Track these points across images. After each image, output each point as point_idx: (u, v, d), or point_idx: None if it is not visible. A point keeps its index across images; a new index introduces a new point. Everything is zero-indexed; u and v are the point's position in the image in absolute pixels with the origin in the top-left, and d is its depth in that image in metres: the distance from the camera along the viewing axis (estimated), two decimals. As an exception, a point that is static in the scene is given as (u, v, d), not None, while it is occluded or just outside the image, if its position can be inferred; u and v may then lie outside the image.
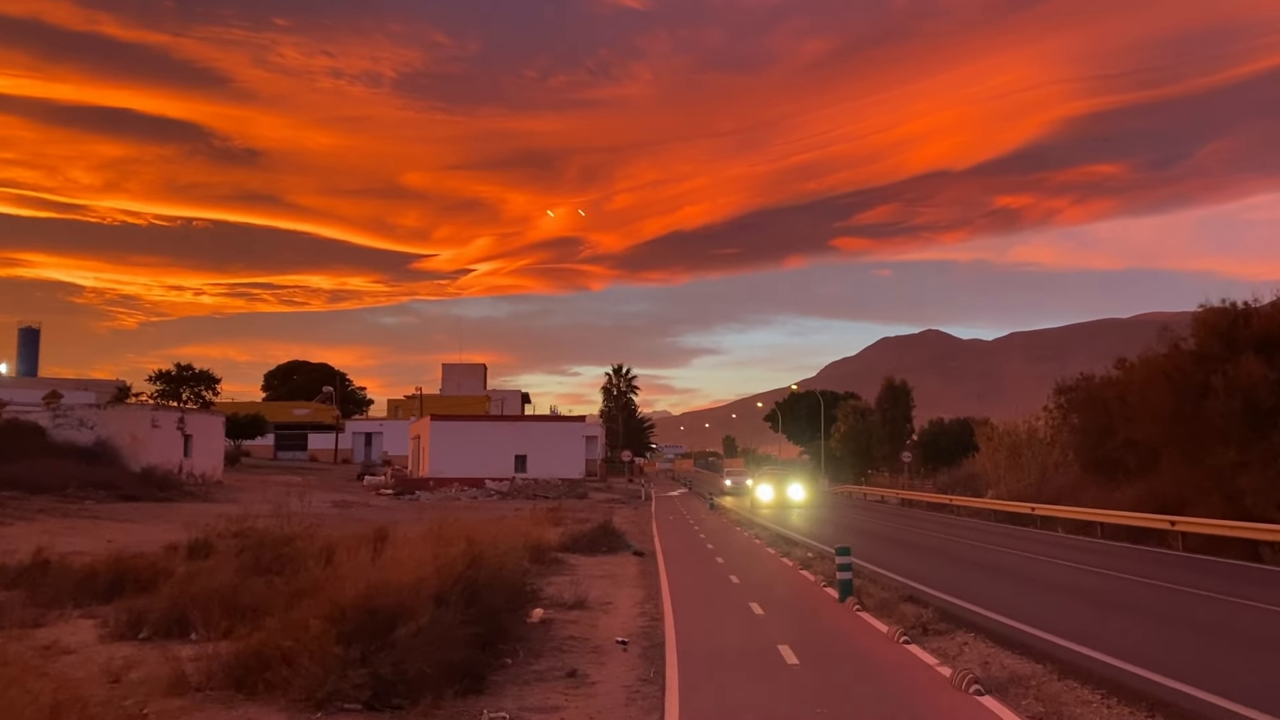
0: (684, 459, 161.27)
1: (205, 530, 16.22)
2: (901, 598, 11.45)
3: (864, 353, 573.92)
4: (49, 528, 21.34)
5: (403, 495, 41.73)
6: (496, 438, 50.11)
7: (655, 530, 25.75)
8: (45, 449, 33.21)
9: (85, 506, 27.00)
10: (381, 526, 13.24)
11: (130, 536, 20.69)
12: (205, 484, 36.81)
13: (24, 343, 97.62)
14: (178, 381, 65.39)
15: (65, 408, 36.49)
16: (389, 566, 7.75)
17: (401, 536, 10.32)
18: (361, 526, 18.07)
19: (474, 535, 11.27)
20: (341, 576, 7.82)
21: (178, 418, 37.98)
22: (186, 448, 37.93)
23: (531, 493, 43.62)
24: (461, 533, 10.72)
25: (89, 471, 31.14)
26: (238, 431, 58.43)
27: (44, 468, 30.08)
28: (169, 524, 23.10)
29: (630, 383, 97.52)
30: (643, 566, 16.14)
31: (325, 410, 73.93)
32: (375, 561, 8.09)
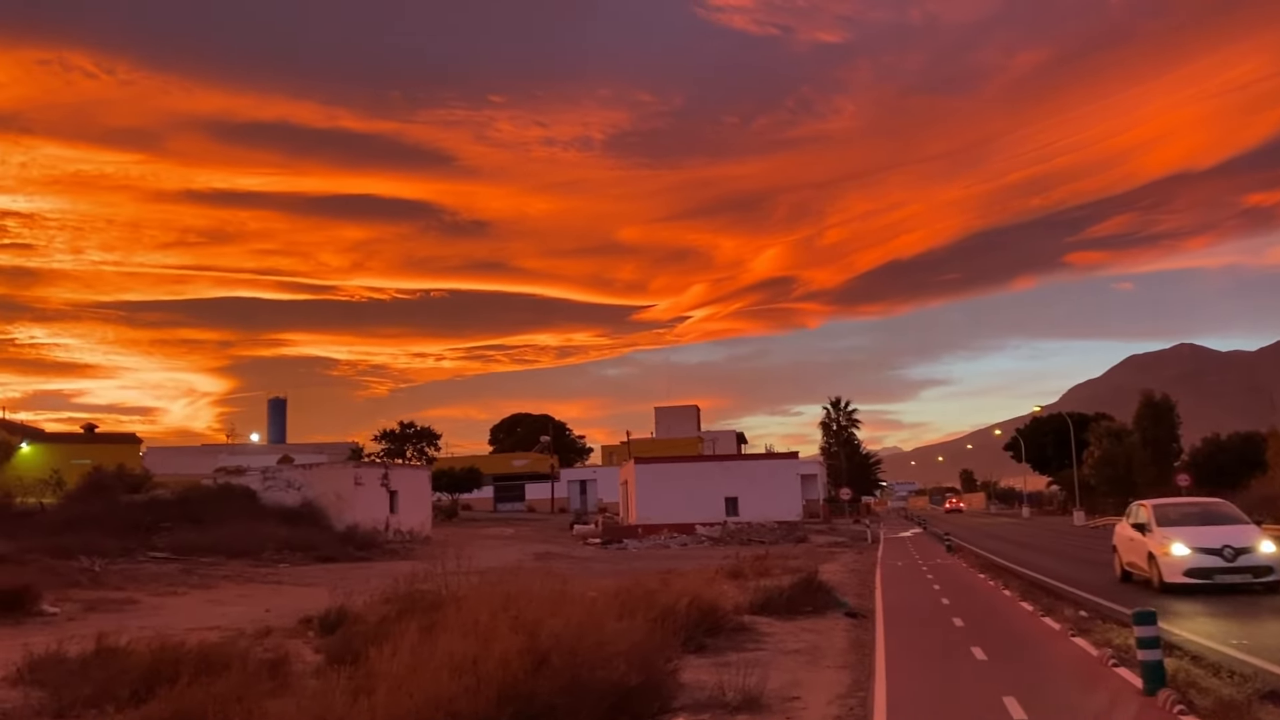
0: (917, 495, 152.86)
1: (372, 594, 14.41)
2: (1257, 693, 7.60)
3: (1109, 373, 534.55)
4: (220, 595, 20.30)
5: (609, 544, 39.50)
6: (704, 479, 47.26)
7: (878, 580, 21.97)
8: (255, 512, 33.22)
9: (277, 570, 26.21)
10: (508, 593, 10.54)
11: (295, 603, 19.01)
12: (412, 540, 35.92)
13: (273, 412, 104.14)
14: (402, 439, 66.66)
15: (274, 470, 36.66)
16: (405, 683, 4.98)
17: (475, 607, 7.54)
18: (511, 588, 15.67)
19: (596, 604, 8.43)
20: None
21: (381, 474, 37.43)
22: (392, 504, 37.28)
23: (745, 537, 40.39)
24: (586, 601, 7.92)
25: (292, 533, 30.68)
26: (454, 485, 58.55)
27: (249, 531, 29.82)
28: (352, 587, 21.67)
29: (850, 416, 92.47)
30: (855, 634, 12.69)
31: (542, 460, 73.64)
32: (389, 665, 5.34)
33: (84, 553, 25.06)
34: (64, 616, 15.48)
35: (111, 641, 9.45)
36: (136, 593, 19.39)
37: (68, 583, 19.81)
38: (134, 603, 17.97)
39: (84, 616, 15.71)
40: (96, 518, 30.04)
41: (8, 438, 50.37)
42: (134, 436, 56.43)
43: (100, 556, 24.90)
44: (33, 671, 9.12)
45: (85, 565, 23.02)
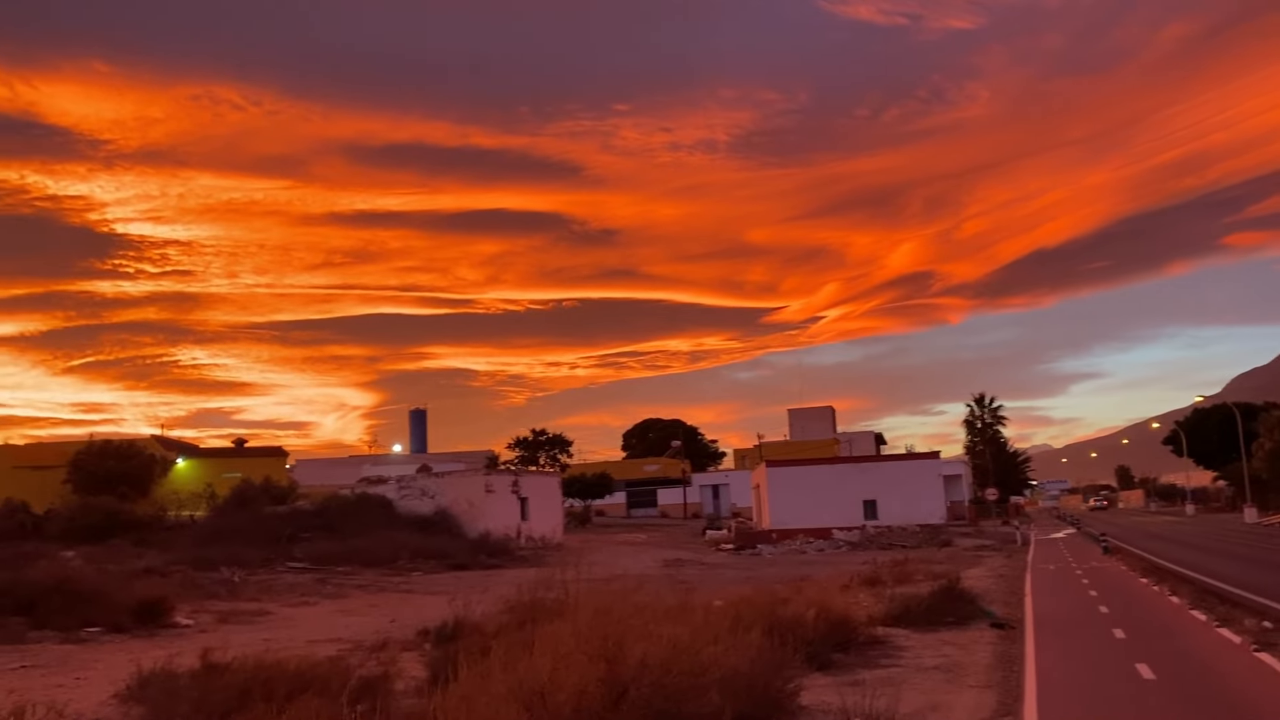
0: (1069, 494, 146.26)
1: (494, 603, 14.16)
2: None
3: (1277, 360, 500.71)
4: (351, 605, 20.43)
5: (743, 550, 38.62)
6: (841, 482, 45.83)
7: (1028, 586, 20.50)
8: (391, 521, 33.73)
9: (409, 579, 26.41)
10: (608, 606, 9.92)
11: (421, 613, 18.89)
12: (543, 547, 35.91)
13: (414, 423, 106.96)
14: (535, 446, 67.25)
15: (409, 479, 37.22)
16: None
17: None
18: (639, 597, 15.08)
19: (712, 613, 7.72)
20: None
21: (512, 481, 37.58)
22: (523, 510, 37.37)
23: (885, 541, 38.89)
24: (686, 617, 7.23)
25: (425, 541, 30.97)
26: (586, 491, 58.62)
27: (384, 540, 30.23)
28: (477, 595, 21.54)
29: (996, 414, 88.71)
30: (1001, 648, 11.58)
31: (674, 465, 73.16)
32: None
33: (227, 564, 25.79)
34: (196, 629, 15.69)
35: (216, 658, 9.26)
36: (270, 604, 19.68)
37: (206, 594, 20.30)
38: (266, 614, 18.19)
39: (215, 628, 15.91)
40: (241, 529, 30.98)
41: (164, 454, 52.89)
42: (280, 450, 58.54)
43: (241, 567, 25.57)
44: (140, 688, 9.00)
45: (225, 576, 23.63)
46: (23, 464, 50.50)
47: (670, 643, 5.52)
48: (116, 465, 47.28)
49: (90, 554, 26.94)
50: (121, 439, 51.76)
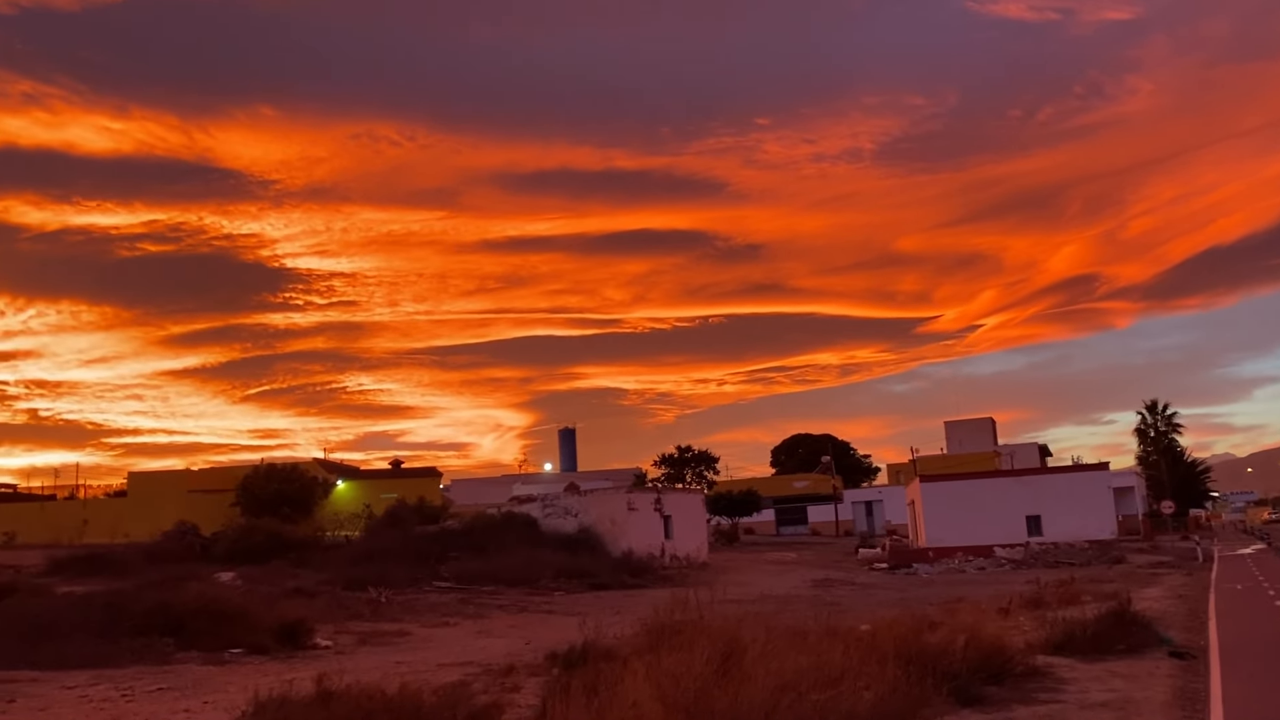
0: (1257, 506, 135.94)
1: (628, 626, 13.75)
2: None
3: None
4: (490, 626, 20.33)
5: (898, 569, 37.04)
6: (1002, 497, 43.52)
7: (1211, 608, 18.64)
8: (535, 539, 33.81)
9: (551, 598, 26.25)
10: (734, 633, 9.29)
11: (558, 635, 18.61)
12: (688, 566, 35.37)
13: (564, 442, 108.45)
14: (680, 464, 66.84)
15: (553, 498, 37.29)
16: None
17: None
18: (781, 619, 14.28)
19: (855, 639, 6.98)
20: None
21: (654, 499, 37.18)
22: (667, 529, 36.91)
23: (1051, 559, 36.61)
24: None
25: (568, 560, 30.85)
26: (733, 508, 57.76)
27: (528, 559, 30.25)
28: (613, 617, 21.13)
29: (1170, 421, 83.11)
30: (1181, 681, 10.31)
31: (824, 481, 71.44)
32: None
33: (376, 583, 26.20)
34: (334, 650, 15.78)
35: (331, 684, 9.06)
36: (411, 624, 19.76)
37: (351, 615, 20.56)
38: (406, 635, 18.23)
39: (353, 650, 15.98)
40: (391, 549, 31.58)
41: (326, 476, 54.93)
42: (434, 471, 59.98)
43: (389, 587, 25.93)
44: (255, 715, 8.87)
45: (372, 596, 23.97)
46: (197, 488, 53.37)
47: (775, 683, 4.84)
48: (281, 488, 49.37)
49: (250, 574, 27.87)
50: (286, 463, 54.09)
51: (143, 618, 15.12)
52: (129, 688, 11.46)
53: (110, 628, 14.66)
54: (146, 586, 18.39)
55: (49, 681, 11.87)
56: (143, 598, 16.02)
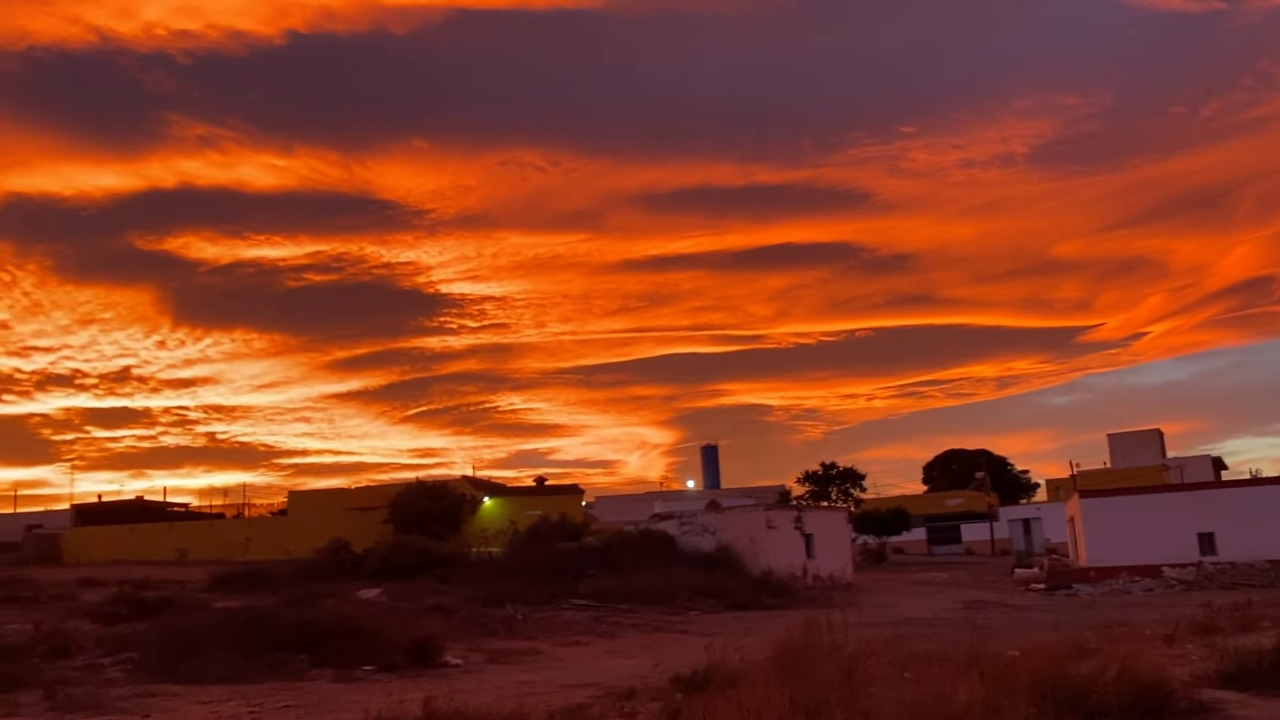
0: None
1: (759, 648, 13.29)
2: None
3: None
4: (621, 646, 20.08)
5: (1056, 590, 35.05)
6: (1169, 513, 40.61)
7: None
8: (672, 558, 33.52)
9: (686, 618, 25.85)
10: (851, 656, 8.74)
11: (690, 656, 18.26)
12: (830, 586, 34.38)
13: (706, 459, 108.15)
14: (825, 481, 65.48)
15: (690, 516, 36.95)
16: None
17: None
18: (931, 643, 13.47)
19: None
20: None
21: (794, 517, 36.35)
22: (808, 548, 36.01)
23: (1227, 580, 33.94)
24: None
25: (705, 579, 30.42)
26: (881, 527, 56.10)
27: (664, 577, 29.98)
28: (747, 638, 20.59)
29: (1366, 430, 76.28)
30: (1375, 723, 9.11)
31: (978, 498, 68.67)
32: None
33: (514, 600, 26.43)
34: (463, 668, 15.82)
35: (439, 706, 8.94)
36: (543, 643, 19.72)
37: (485, 632, 20.69)
38: (536, 654, 18.17)
39: (482, 669, 15.99)
40: (531, 566, 31.86)
41: (474, 493, 56.15)
42: (576, 488, 60.52)
43: (526, 604, 26.10)
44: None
45: (509, 614, 24.15)
46: (353, 506, 55.43)
47: None
48: (430, 505, 50.73)
49: (395, 590, 28.57)
50: (435, 480, 55.59)
51: (281, 634, 15.51)
52: (259, 704, 11.69)
53: (251, 643, 15.07)
54: (288, 603, 18.92)
55: (187, 696, 12.24)
56: (282, 614, 16.44)
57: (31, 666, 13.52)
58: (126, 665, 14.32)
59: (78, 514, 58.39)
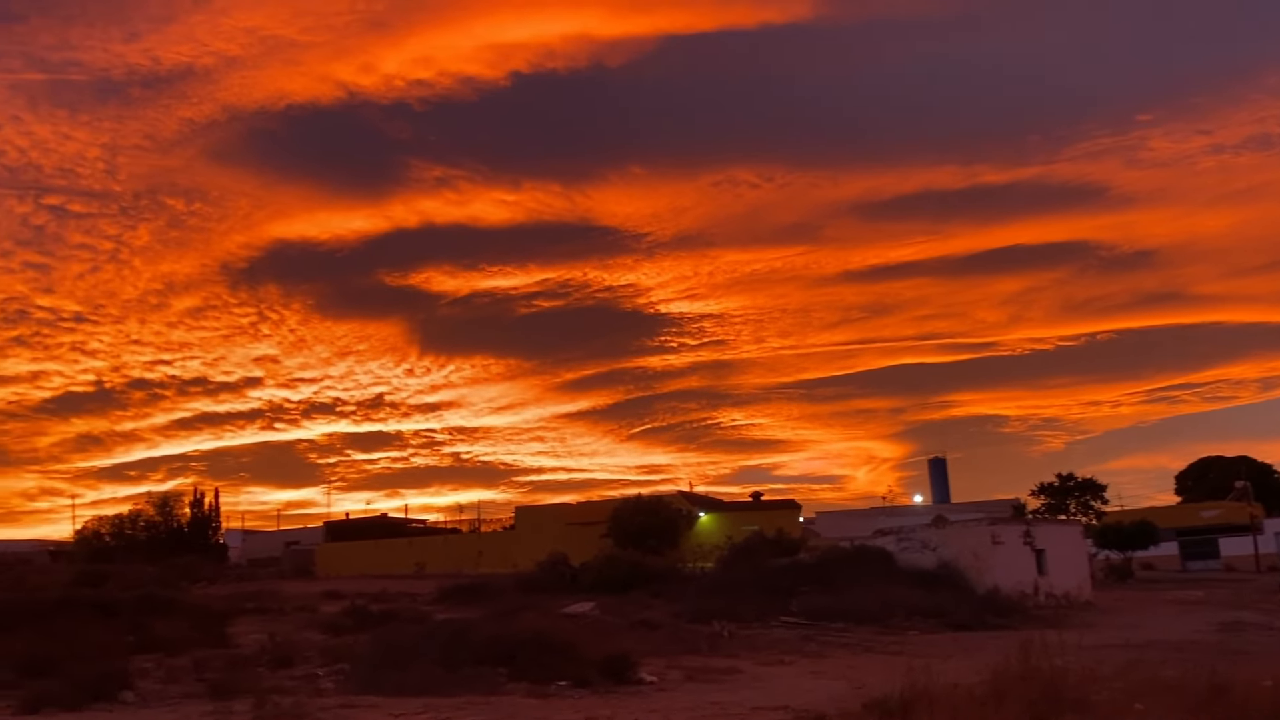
0: None
1: (971, 671, 12.55)
2: None
3: None
4: (826, 666, 19.30)
5: (1334, 613, 31.11)
6: None
7: None
8: (889, 575, 32.21)
9: (903, 638, 24.65)
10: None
11: (896, 678, 17.40)
12: (1065, 605, 32.00)
13: (934, 473, 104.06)
14: (1062, 493, 61.57)
15: (908, 531, 35.45)
16: None
17: None
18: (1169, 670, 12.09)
19: None
20: None
21: (1023, 531, 34.14)
22: (1039, 564, 33.72)
23: None
24: None
25: (924, 597, 29.01)
26: (1125, 542, 51.95)
27: (880, 595, 28.83)
28: (963, 659, 19.35)
29: None
30: None
31: (1240, 509, 62.39)
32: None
33: (722, 617, 26.12)
34: (657, 686, 15.65)
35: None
36: (745, 661, 19.29)
37: (687, 648, 20.48)
38: (735, 673, 17.77)
39: (677, 687, 15.77)
40: (743, 582, 31.46)
41: (690, 509, 56.38)
42: (793, 503, 59.58)
43: (734, 621, 25.73)
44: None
45: (715, 630, 23.85)
46: (574, 521, 56.87)
47: None
48: (646, 520, 51.30)
49: (608, 604, 28.94)
50: (651, 496, 56.21)
51: (481, 647, 15.89)
52: (447, 718, 11.94)
53: (452, 656, 15.52)
54: (491, 616, 19.42)
55: (384, 708, 12.68)
56: (483, 627, 16.87)
57: (254, 676, 14.44)
58: (339, 676, 15.06)
59: (329, 530, 63.05)
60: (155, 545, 57.92)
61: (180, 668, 15.51)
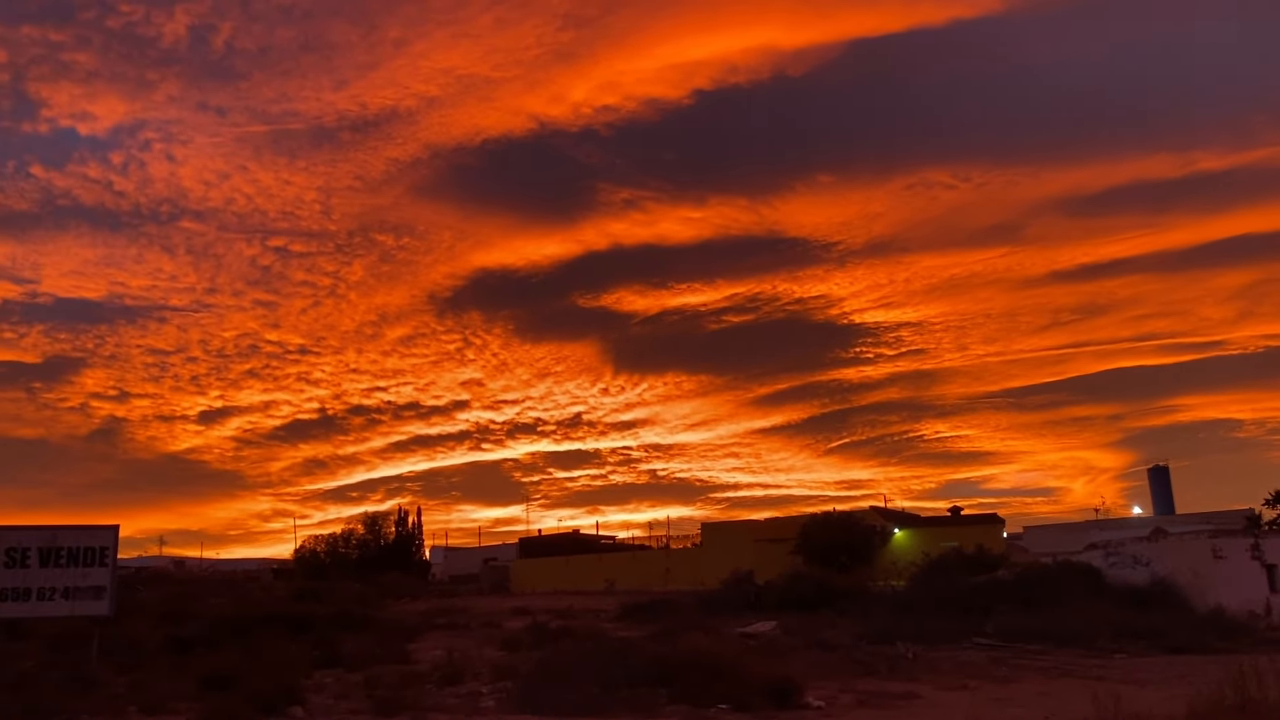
0: None
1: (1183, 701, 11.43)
2: None
3: None
4: (1013, 692, 17.89)
5: None
6: None
7: None
8: (1096, 592, 29.93)
9: (1108, 662, 22.68)
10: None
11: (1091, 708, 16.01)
12: (1305, 628, 28.82)
13: (1154, 482, 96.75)
14: (1302, 502, 55.65)
15: (1117, 545, 32.87)
16: None
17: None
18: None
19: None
20: None
21: (1251, 544, 30.98)
22: (1271, 581, 30.52)
23: None
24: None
25: (1135, 617, 26.72)
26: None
27: (1084, 615, 26.78)
28: (1179, 685, 17.53)
29: None
30: None
31: None
32: None
33: (908, 638, 24.90)
34: (823, 711, 14.92)
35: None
36: (925, 685, 18.18)
37: (864, 671, 19.55)
38: (912, 698, 16.75)
39: (846, 713, 14.98)
40: (934, 601, 30.02)
41: (884, 524, 54.53)
42: (995, 517, 56.56)
43: (922, 642, 24.48)
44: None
45: (897, 652, 22.72)
46: (763, 537, 56.08)
47: None
48: (837, 537, 49.96)
49: (791, 624, 28.22)
50: (843, 512, 54.72)
51: (641, 667, 15.65)
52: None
53: (613, 675, 15.34)
54: (656, 635, 19.15)
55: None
56: (646, 647, 16.62)
57: (420, 692, 14.72)
58: (500, 694, 15.15)
59: (522, 547, 64.73)
60: (365, 562, 61.15)
61: (355, 683, 16.01)
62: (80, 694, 13.48)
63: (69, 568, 16.45)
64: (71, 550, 16.50)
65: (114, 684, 14.67)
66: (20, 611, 16.43)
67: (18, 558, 16.28)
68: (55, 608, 16.52)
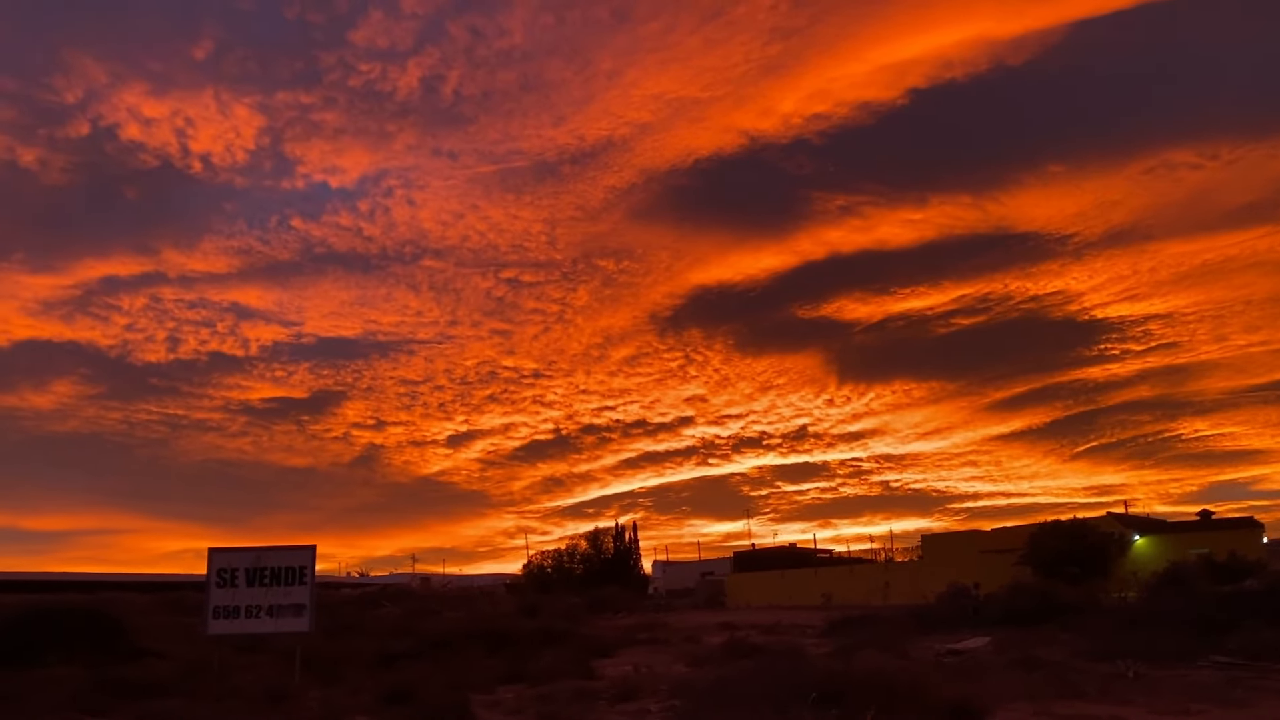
0: None
1: None
2: None
3: None
4: (1244, 718, 15.99)
5: None
6: None
7: None
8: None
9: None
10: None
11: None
12: None
13: None
14: None
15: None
16: None
17: None
18: None
19: None
20: None
21: None
22: None
23: None
24: None
25: None
26: None
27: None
28: None
29: None
30: None
31: None
32: None
33: (1134, 655, 22.92)
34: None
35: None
36: (1136, 709, 16.57)
37: (1070, 692, 18.07)
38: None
39: (1034, 737, 13.92)
40: (1169, 614, 27.57)
41: (1122, 532, 50.70)
42: (1252, 521, 51.33)
43: (1148, 660, 22.45)
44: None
45: (1117, 671, 20.92)
46: (987, 548, 53.42)
47: None
48: (1067, 545, 46.86)
49: (1007, 639, 26.73)
50: (1075, 519, 51.30)
51: (814, 685, 15.15)
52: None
53: (784, 693, 14.95)
54: (834, 652, 18.52)
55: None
56: (819, 665, 16.11)
57: (586, 709, 14.86)
58: (669, 712, 15.06)
59: (736, 561, 64.48)
60: (589, 577, 62.82)
61: (531, 698, 16.37)
62: (271, 705, 14.49)
63: (273, 586, 17.78)
64: (275, 570, 17.82)
65: (306, 697, 15.67)
66: (229, 629, 17.91)
67: (228, 578, 17.77)
68: (260, 625, 17.90)
